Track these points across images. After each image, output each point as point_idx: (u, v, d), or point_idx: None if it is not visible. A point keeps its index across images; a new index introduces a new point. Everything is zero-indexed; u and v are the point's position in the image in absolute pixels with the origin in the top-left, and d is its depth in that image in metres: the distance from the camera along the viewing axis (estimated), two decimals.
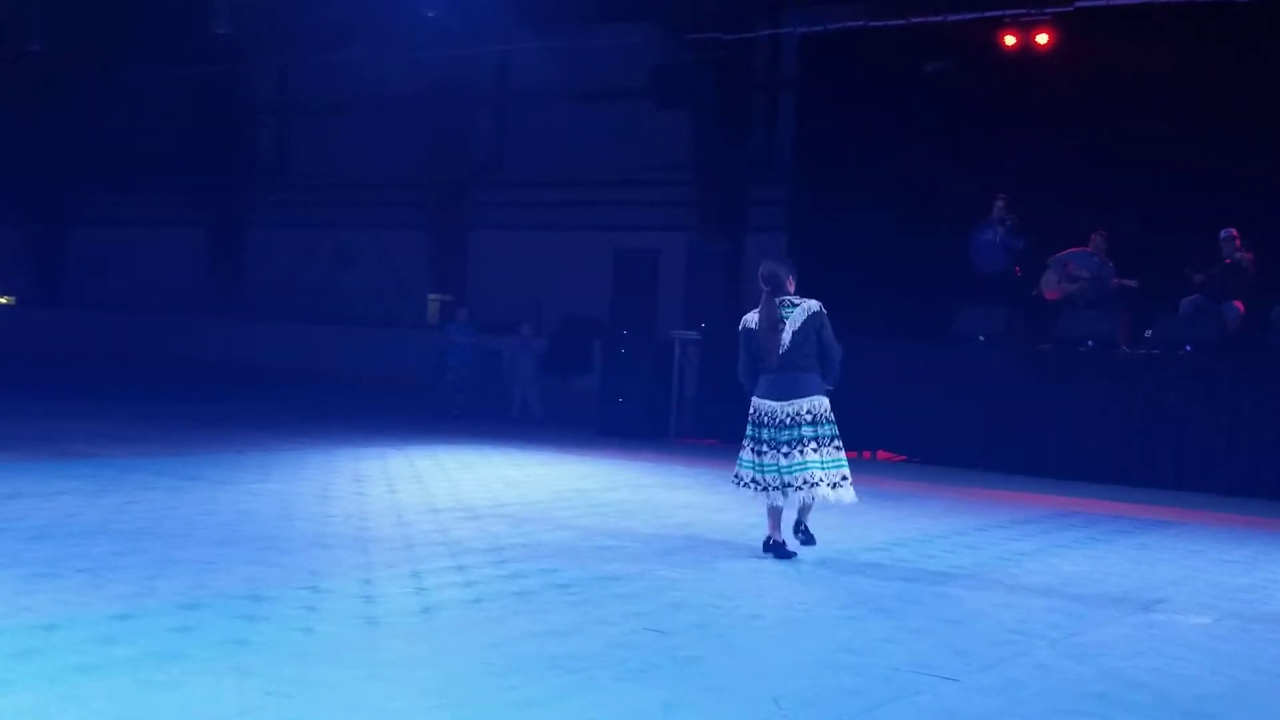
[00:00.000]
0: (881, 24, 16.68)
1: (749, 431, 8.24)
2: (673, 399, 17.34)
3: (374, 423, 16.49)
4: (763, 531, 8.23)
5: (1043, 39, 16.03)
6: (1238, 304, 14.12)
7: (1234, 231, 14.22)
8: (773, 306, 8.14)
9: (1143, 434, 13.81)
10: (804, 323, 8.05)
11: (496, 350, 18.95)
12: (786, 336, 8.01)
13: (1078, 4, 15.60)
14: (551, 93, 21.91)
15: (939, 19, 16.32)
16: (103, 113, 27.56)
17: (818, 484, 7.83)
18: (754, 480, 8.07)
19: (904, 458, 15.36)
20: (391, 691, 4.79)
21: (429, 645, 5.58)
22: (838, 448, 8.00)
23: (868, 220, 16.99)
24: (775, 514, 8.08)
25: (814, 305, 8.15)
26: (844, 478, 7.96)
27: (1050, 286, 15.12)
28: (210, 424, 15.25)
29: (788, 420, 7.96)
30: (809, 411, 7.93)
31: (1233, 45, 15.03)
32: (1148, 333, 14.47)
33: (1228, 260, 14.20)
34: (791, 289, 8.26)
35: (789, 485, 7.88)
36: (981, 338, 15.14)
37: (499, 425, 16.98)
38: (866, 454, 15.55)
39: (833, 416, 8.02)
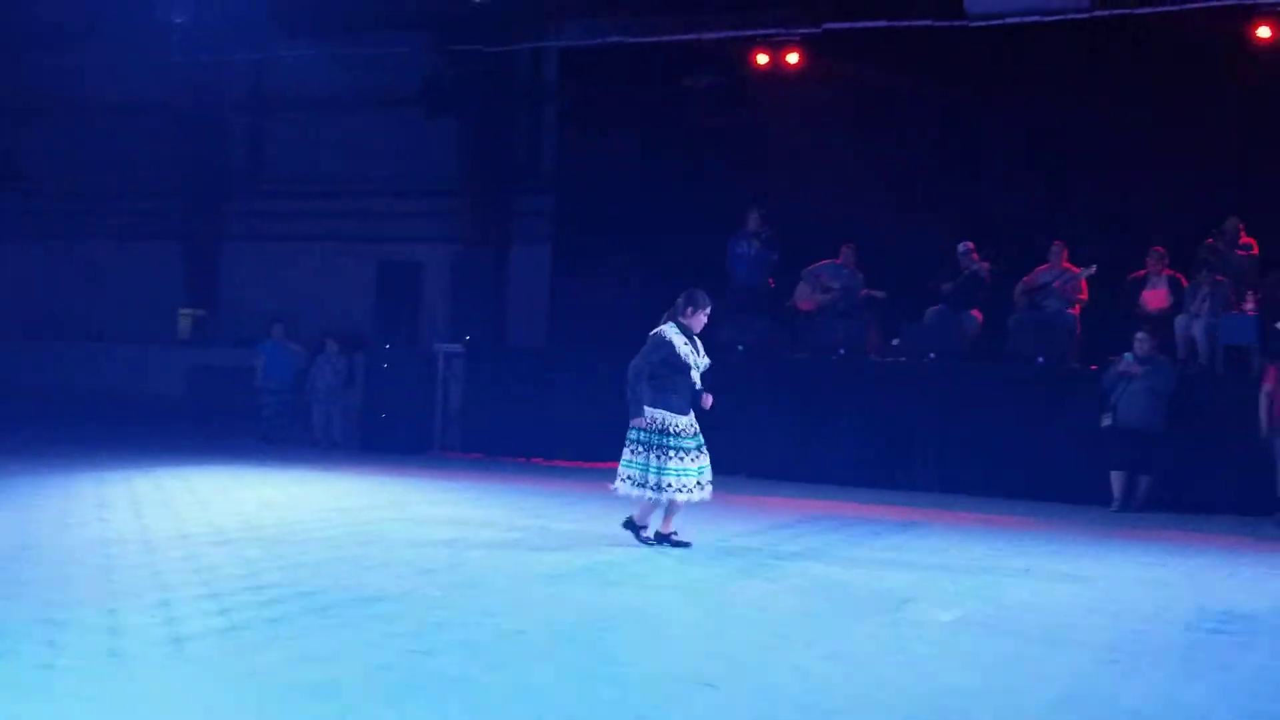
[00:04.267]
0: (639, 40, 16.92)
1: (673, 442, 9.00)
2: (438, 413, 17.19)
3: (121, 444, 15.76)
4: (527, 547, 8.22)
5: (793, 58, 16.54)
6: (976, 313, 14.84)
7: (971, 245, 14.95)
8: (690, 331, 9.13)
9: (892, 439, 14.38)
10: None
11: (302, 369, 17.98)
12: (701, 360, 9.12)
13: (825, 26, 16.14)
14: (315, 101, 21.40)
15: (695, 36, 16.65)
16: None
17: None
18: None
19: None
20: None
21: (180, 678, 5.36)
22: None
23: (630, 233, 17.21)
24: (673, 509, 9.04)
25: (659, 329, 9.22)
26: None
27: (804, 298, 15.58)
28: None
29: (692, 431, 9.05)
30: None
31: (969, 66, 15.80)
32: (895, 341, 15.09)
33: (966, 272, 14.92)
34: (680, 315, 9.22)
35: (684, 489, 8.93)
36: (740, 348, 15.50)
37: (302, 450, 16.25)
38: None
39: None
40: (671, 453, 8.98)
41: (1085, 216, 15.10)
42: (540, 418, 16.11)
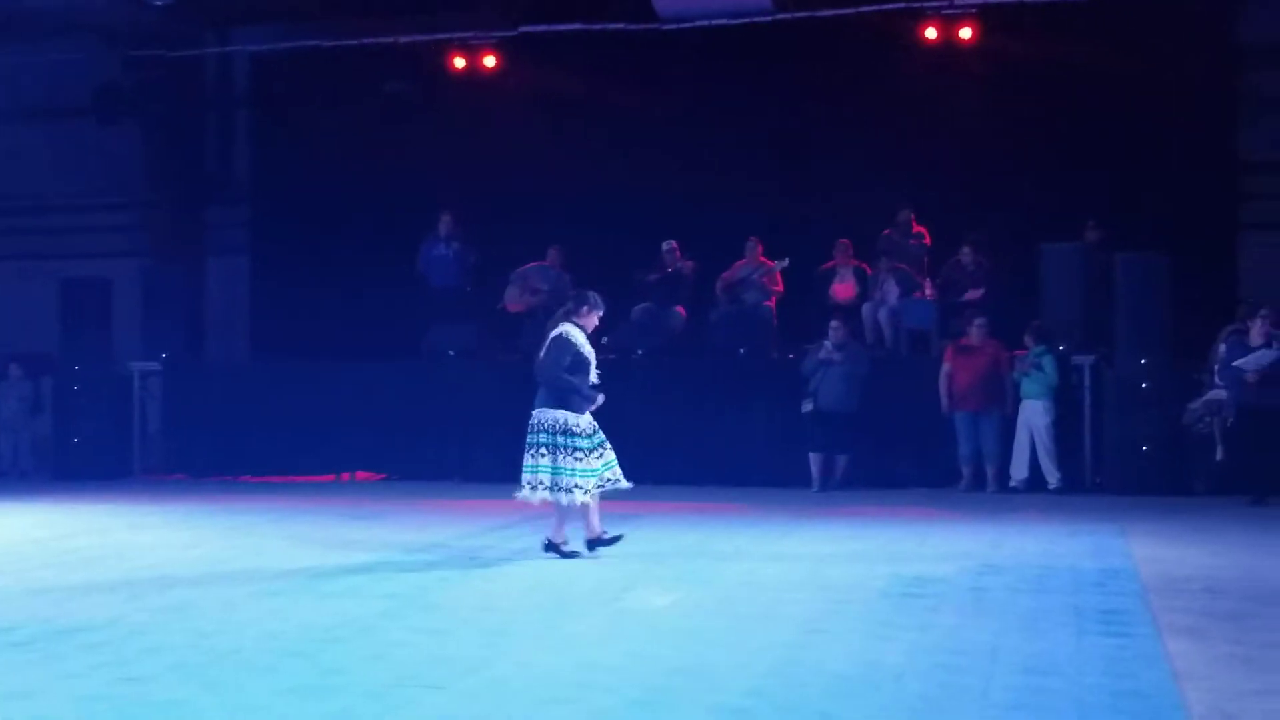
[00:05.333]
0: (332, 43, 16.64)
1: (576, 442, 8.89)
2: (135, 434, 16.46)
3: None
4: (239, 565, 8.00)
5: (490, 61, 16.62)
6: (680, 309, 15.29)
7: (674, 243, 15.39)
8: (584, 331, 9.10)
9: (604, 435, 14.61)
10: None
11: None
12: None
13: (521, 29, 16.29)
14: None
15: (390, 40, 16.51)
16: None
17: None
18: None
19: (383, 476, 15.43)
20: None
21: None
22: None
23: (331, 240, 16.94)
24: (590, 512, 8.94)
25: (560, 329, 9.13)
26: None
27: (513, 300, 15.69)
28: None
29: (591, 430, 9.04)
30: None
31: (664, 67, 16.26)
32: (604, 339, 15.35)
33: (670, 269, 15.34)
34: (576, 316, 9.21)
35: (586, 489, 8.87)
36: (452, 352, 15.49)
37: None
38: (345, 475, 15.50)
39: None
40: (576, 452, 8.87)
41: (777, 212, 15.78)
42: (246, 434, 15.67)
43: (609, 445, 9.05)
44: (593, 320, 9.24)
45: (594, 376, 9.09)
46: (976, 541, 9.80)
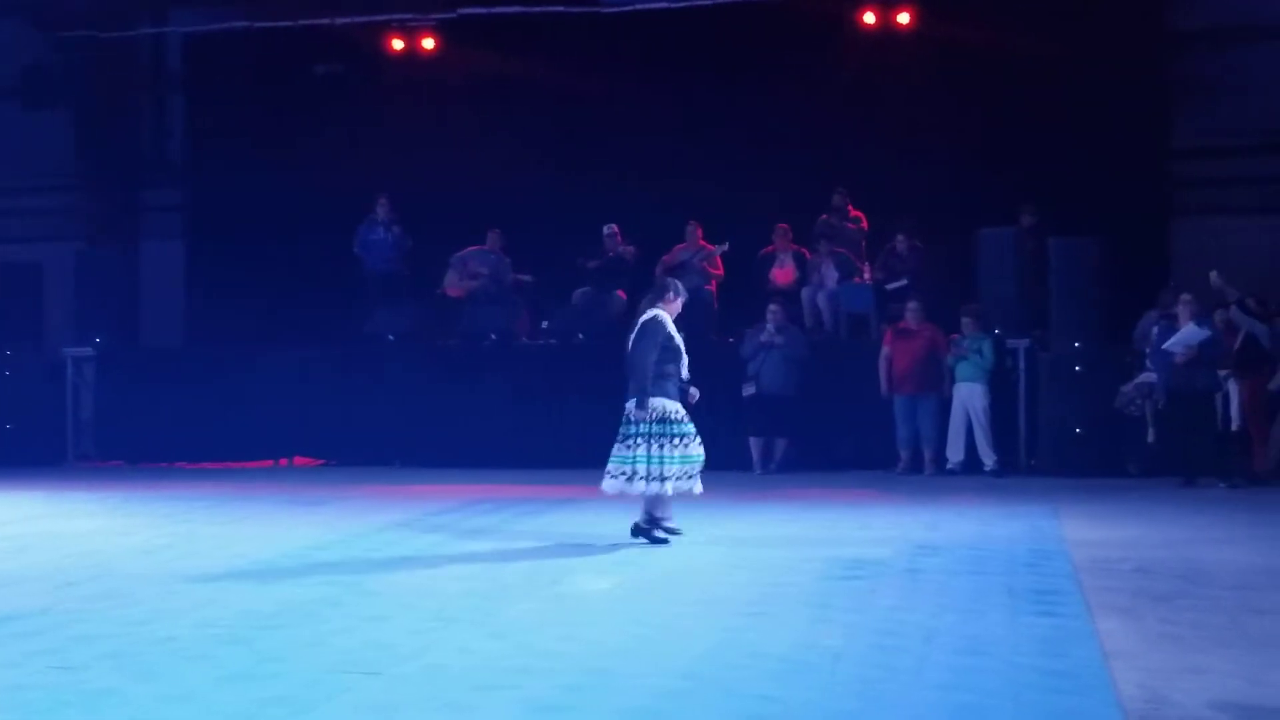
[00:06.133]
0: (267, 25, 16.45)
1: (673, 429, 8.78)
2: (69, 421, 16.24)
3: None
4: (175, 552, 7.92)
5: (428, 43, 16.50)
6: (621, 293, 15.29)
7: (615, 227, 15.38)
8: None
9: (546, 419, 14.64)
10: None
11: None
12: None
13: (460, 11, 16.19)
14: None
15: (326, 21, 16.35)
16: None
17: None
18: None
19: (322, 461, 15.34)
20: None
21: None
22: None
23: (268, 224, 16.77)
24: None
25: (649, 314, 8.93)
26: None
27: (453, 284, 15.62)
28: None
29: (686, 418, 8.93)
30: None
31: (604, 51, 16.23)
32: (545, 324, 15.37)
33: (611, 254, 15.33)
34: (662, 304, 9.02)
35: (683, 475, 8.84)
36: (391, 337, 15.41)
37: None
38: (284, 461, 15.40)
39: None
40: (676, 440, 8.76)
41: (717, 196, 15.81)
42: (182, 420, 15.51)
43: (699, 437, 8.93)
44: (677, 307, 9.11)
45: (685, 369, 9.00)
46: (913, 523, 9.91)
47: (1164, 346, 12.42)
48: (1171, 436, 12.62)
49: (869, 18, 15.50)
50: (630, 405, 8.82)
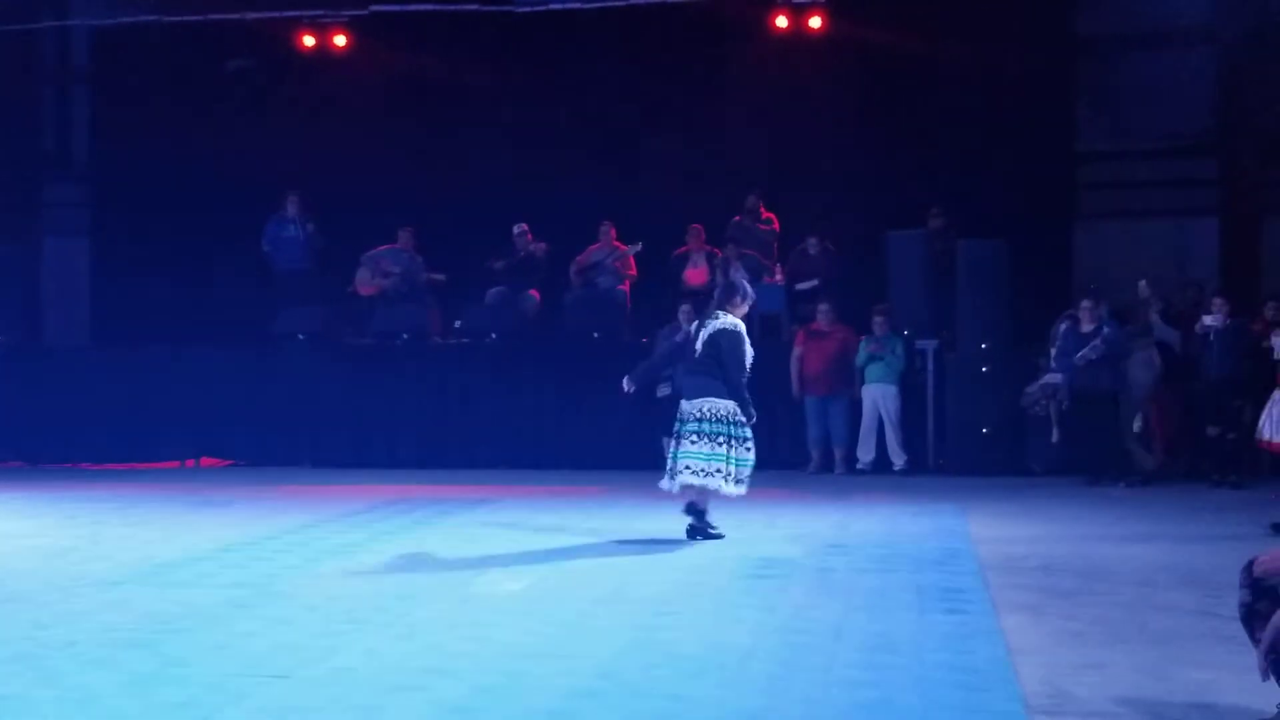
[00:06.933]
0: (176, 19, 16.19)
1: (745, 433, 9.01)
2: None
3: None
4: (78, 555, 7.75)
5: (340, 40, 16.35)
6: (534, 293, 15.27)
7: (525, 226, 15.34)
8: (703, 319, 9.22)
9: (459, 419, 14.59)
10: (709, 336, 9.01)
11: None
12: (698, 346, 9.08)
13: (373, 8, 16.06)
14: None
15: (236, 17, 16.12)
16: None
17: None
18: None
19: (230, 462, 15.13)
20: None
21: None
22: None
23: (175, 221, 16.52)
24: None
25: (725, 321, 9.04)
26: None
27: (365, 283, 15.48)
28: None
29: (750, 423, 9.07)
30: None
31: (518, 50, 16.19)
32: (457, 323, 15.29)
33: (523, 253, 15.30)
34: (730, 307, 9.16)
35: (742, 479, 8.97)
36: (301, 336, 15.24)
37: None
38: (191, 462, 15.17)
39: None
40: (746, 443, 8.98)
41: (631, 196, 15.84)
42: (86, 419, 15.21)
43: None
44: (745, 309, 9.28)
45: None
46: (824, 522, 10.01)
47: (1076, 357, 12.57)
48: (1075, 436, 12.86)
49: (781, 21, 15.62)
50: (705, 404, 8.98)
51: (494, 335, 14.95)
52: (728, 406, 8.94)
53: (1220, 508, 11.01)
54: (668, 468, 9.10)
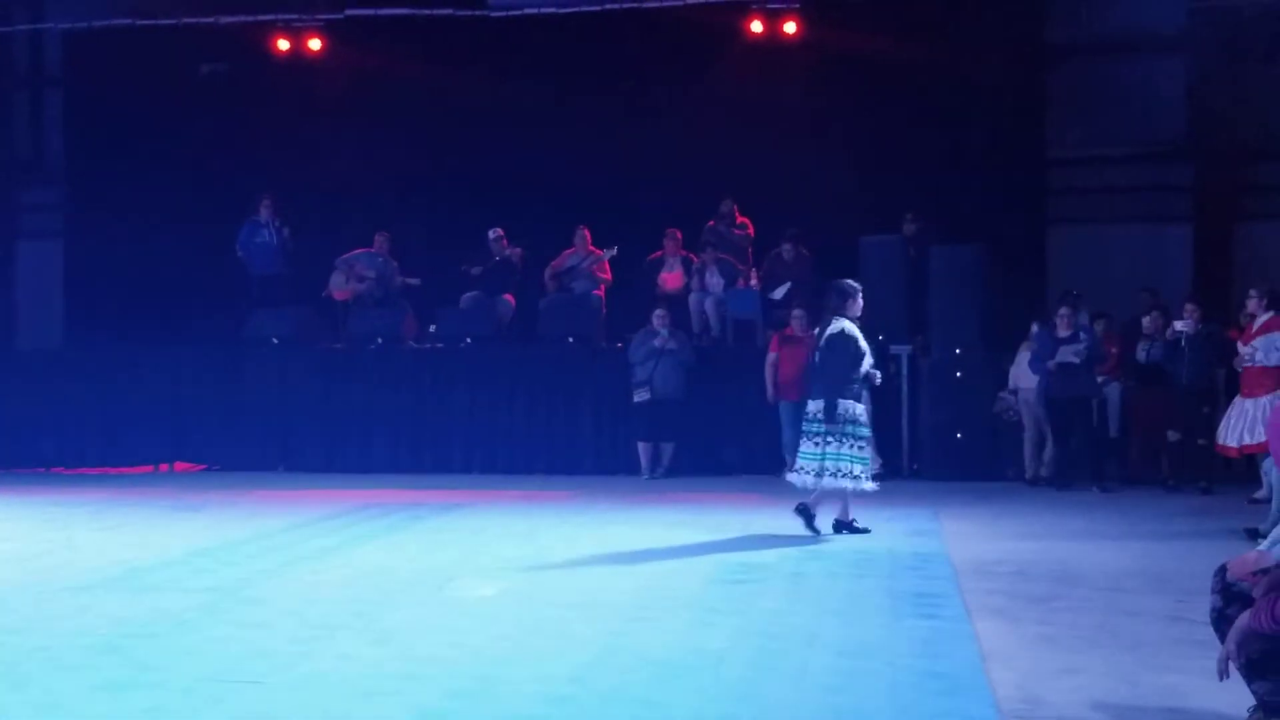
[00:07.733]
0: (151, 23, 16.13)
1: (860, 431, 9.43)
2: None
3: None
4: (51, 560, 7.70)
5: (315, 44, 16.32)
6: (509, 297, 15.26)
7: (500, 231, 15.33)
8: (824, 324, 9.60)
9: (433, 424, 14.57)
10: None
11: None
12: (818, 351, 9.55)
13: (347, 12, 16.03)
14: None
15: (211, 20, 16.07)
16: None
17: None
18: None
19: (204, 466, 15.07)
20: None
21: None
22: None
23: (150, 225, 16.44)
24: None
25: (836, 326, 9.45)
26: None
27: (339, 287, 15.45)
28: None
29: (868, 420, 9.58)
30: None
31: (493, 55, 16.17)
32: (432, 328, 15.26)
33: (498, 258, 15.29)
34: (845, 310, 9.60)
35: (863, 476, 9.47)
36: (275, 340, 15.19)
37: None
38: (164, 466, 15.10)
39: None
40: (862, 442, 9.37)
41: (606, 200, 15.84)
42: (60, 423, 15.15)
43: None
44: (857, 308, 9.64)
45: (868, 364, 9.55)
46: (798, 527, 10.01)
47: (1050, 363, 12.62)
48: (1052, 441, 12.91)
49: (756, 26, 15.66)
50: (814, 405, 9.45)
51: (469, 340, 14.92)
52: (845, 406, 9.33)
53: (1192, 513, 11.08)
54: (800, 465, 9.50)
